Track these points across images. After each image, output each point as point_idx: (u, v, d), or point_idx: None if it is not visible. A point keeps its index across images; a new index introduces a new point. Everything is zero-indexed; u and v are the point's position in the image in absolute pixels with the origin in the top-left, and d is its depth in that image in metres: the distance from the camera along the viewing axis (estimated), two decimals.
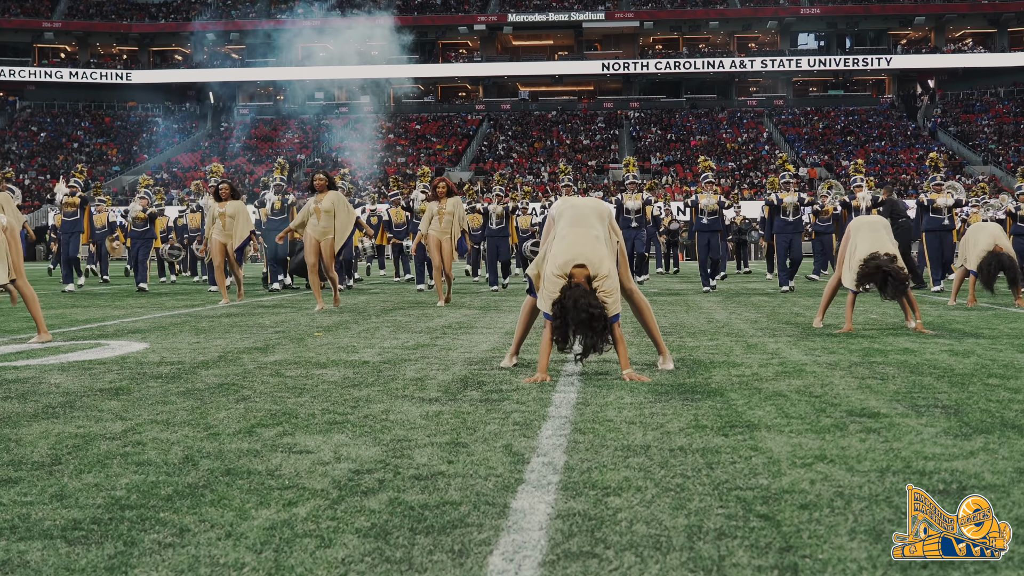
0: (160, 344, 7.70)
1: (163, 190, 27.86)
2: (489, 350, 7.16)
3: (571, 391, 5.15)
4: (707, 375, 5.69)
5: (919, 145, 60.35)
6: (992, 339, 7.78)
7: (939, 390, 5.10)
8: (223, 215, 13.12)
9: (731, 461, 3.49)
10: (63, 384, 5.50)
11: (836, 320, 9.65)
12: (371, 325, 9.44)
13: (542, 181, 57.40)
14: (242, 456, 3.61)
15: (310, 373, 5.92)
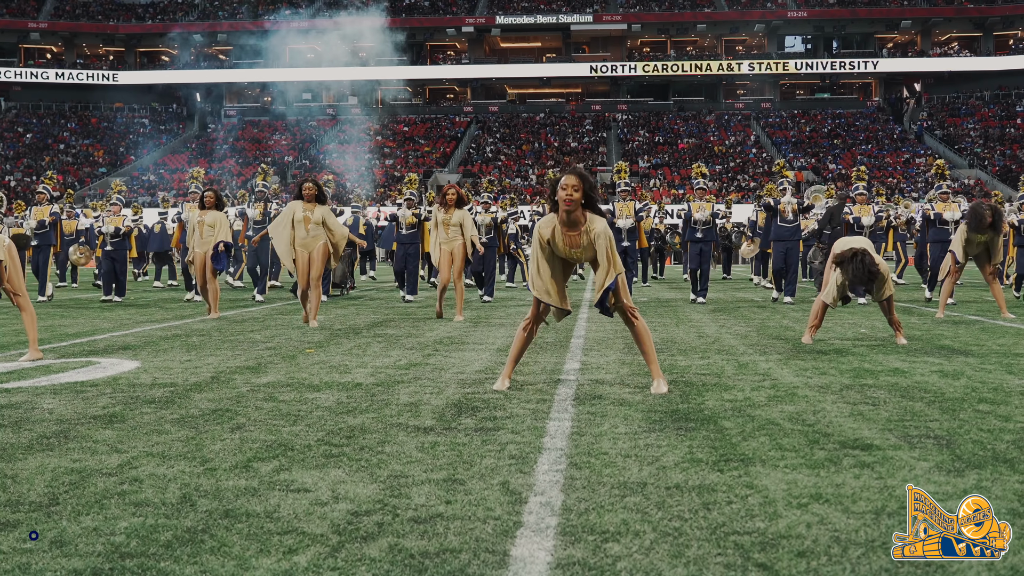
0: (152, 362, 7.69)
1: (138, 204, 27.27)
2: (481, 370, 7.17)
3: (565, 418, 5.16)
4: (700, 400, 5.72)
5: (905, 149, 60.63)
6: (981, 357, 7.84)
7: (930, 417, 5.14)
8: (201, 223, 12.74)
9: (727, 501, 3.52)
10: (56, 410, 5.48)
11: (825, 335, 9.70)
12: (362, 340, 9.44)
13: (530, 184, 57.42)
14: (240, 495, 3.61)
15: (303, 397, 5.92)
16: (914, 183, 55.28)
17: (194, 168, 17.60)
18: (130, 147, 63.81)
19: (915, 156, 59.39)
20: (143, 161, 62.31)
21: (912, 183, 55.27)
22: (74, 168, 61.00)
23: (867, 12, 65.68)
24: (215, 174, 60.25)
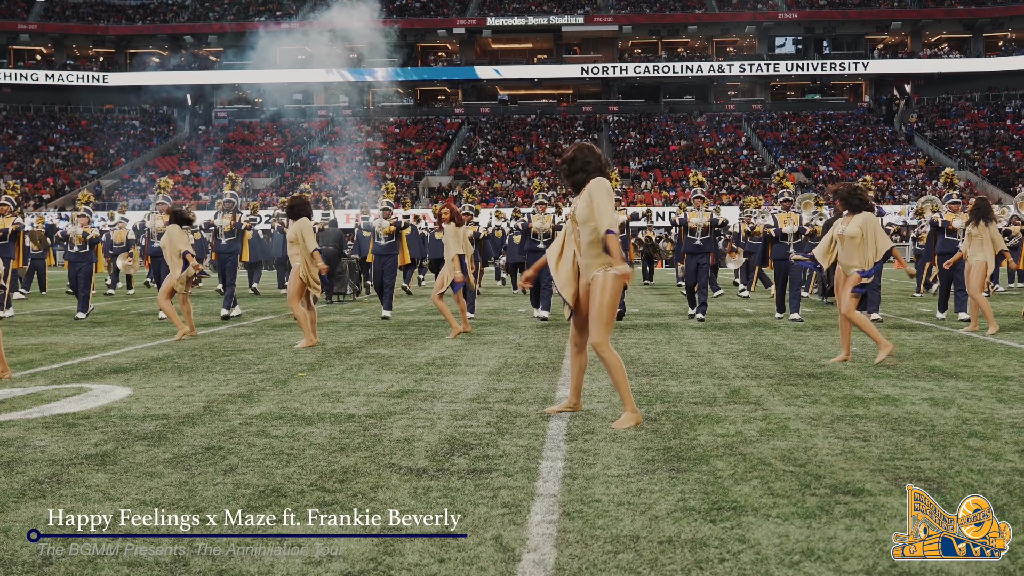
0: (144, 389, 7.67)
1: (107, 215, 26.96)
2: (474, 398, 7.17)
3: (558, 457, 5.17)
4: (692, 435, 5.73)
5: (896, 150, 60.80)
6: (971, 381, 7.87)
7: (920, 455, 5.16)
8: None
9: (720, 558, 3.53)
10: (48, 448, 5.47)
11: (816, 355, 9.73)
12: (354, 362, 9.43)
13: (521, 186, 57.42)
14: (233, 553, 3.61)
15: (296, 432, 5.92)
16: (904, 185, 55.43)
17: (161, 179, 16.70)
18: (120, 149, 63.62)
19: (905, 158, 59.54)
20: (133, 163, 62.12)
21: (902, 185, 55.43)
22: (64, 171, 60.80)
23: (857, 13, 65.83)
24: (205, 176, 60.12)
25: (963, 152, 58.99)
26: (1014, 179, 54.71)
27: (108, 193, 57.65)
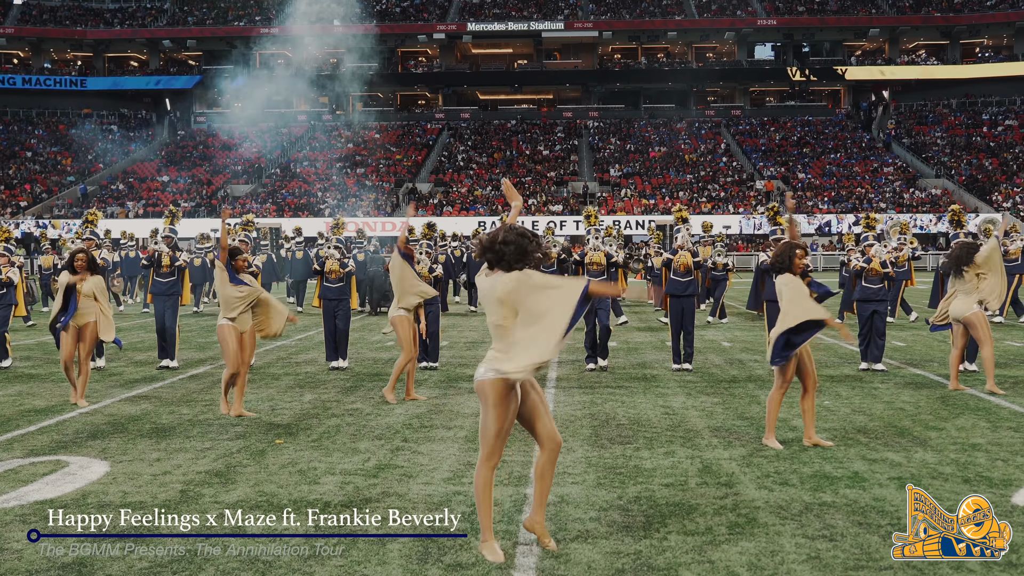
0: (120, 464, 7.70)
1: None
2: (450, 478, 7.25)
3: (530, 566, 5.26)
4: (661, 535, 5.82)
5: (873, 157, 61.19)
6: (938, 453, 8.00)
7: (883, 562, 5.25)
8: (79, 292, 10.64)
9: None
10: (25, 555, 5.51)
11: (787, 413, 9.84)
12: (332, 423, 9.48)
13: (501, 194, 57.43)
14: None
15: (270, 529, 5.98)
16: (882, 193, 55.81)
17: (89, 211, 16.08)
18: (99, 155, 63.23)
19: (883, 165, 59.93)
20: (112, 169, 61.77)
21: (880, 193, 55.80)
22: (42, 177, 60.38)
23: (836, 20, 66.17)
24: (184, 183, 59.86)
25: (939, 160, 59.44)
26: (990, 187, 55.20)
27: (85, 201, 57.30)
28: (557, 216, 53.13)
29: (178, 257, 13.91)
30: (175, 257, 13.86)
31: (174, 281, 13.75)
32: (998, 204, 52.92)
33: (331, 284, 13.36)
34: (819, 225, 51.93)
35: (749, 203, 54.86)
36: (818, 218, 52.32)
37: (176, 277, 13.79)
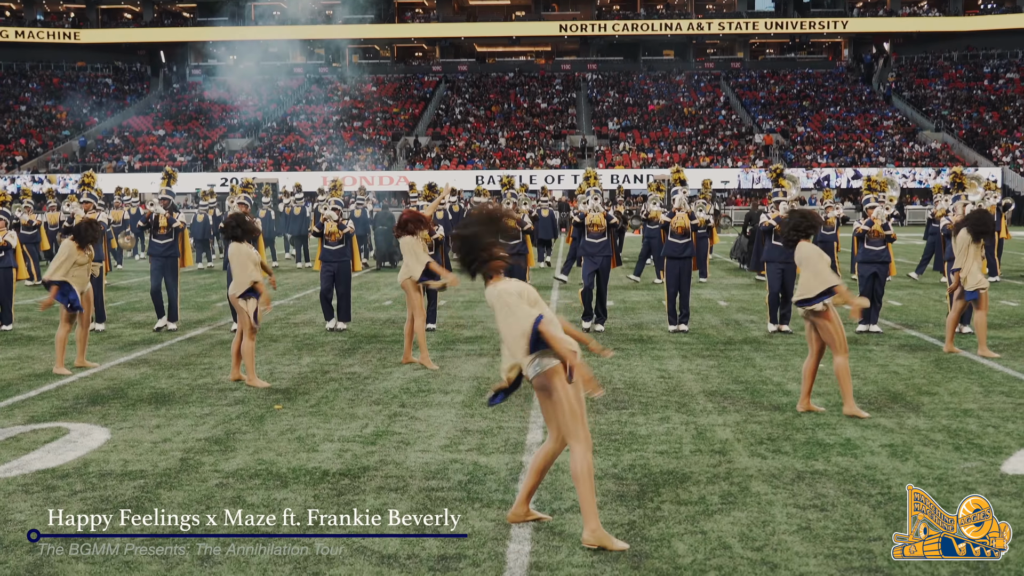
0: (120, 433, 7.77)
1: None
2: (447, 445, 7.34)
3: (525, 537, 5.35)
4: (655, 504, 5.91)
5: (873, 111, 60.88)
6: (930, 417, 8.09)
7: (873, 533, 5.36)
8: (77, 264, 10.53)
9: None
10: (28, 524, 5.60)
11: (784, 375, 9.92)
12: (330, 388, 9.55)
13: (499, 148, 57.24)
14: None
15: (271, 499, 6.07)
16: (881, 147, 55.61)
17: (85, 173, 15.85)
18: (93, 109, 62.81)
19: (883, 119, 59.64)
20: (107, 123, 61.39)
21: (879, 147, 55.60)
22: (37, 131, 60.04)
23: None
24: (181, 138, 59.56)
25: (940, 113, 59.15)
26: (990, 141, 55.00)
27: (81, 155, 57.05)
28: (555, 170, 52.98)
29: (175, 219, 13.73)
30: (172, 219, 13.69)
31: (171, 243, 13.64)
32: (997, 158, 52.76)
33: (331, 247, 13.34)
34: (818, 179, 51.79)
35: (748, 157, 54.68)
36: (817, 172, 52.16)
37: (174, 239, 13.67)
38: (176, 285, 13.69)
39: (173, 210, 13.98)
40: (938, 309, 15.13)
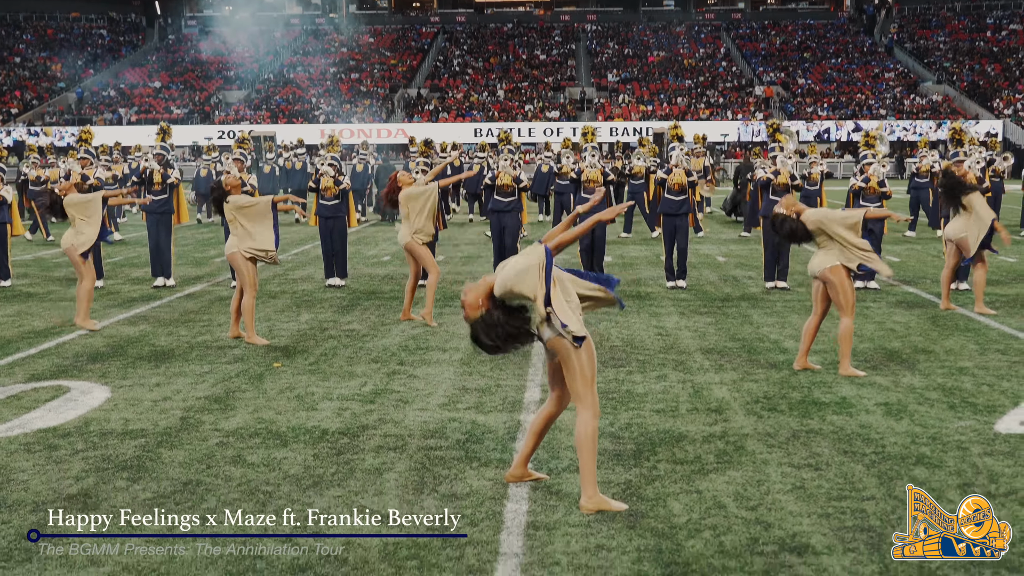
0: (121, 391, 7.82)
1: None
2: (444, 403, 7.39)
3: (522, 496, 5.41)
4: (651, 463, 5.97)
5: (874, 62, 60.41)
6: (925, 376, 8.14)
7: (867, 492, 5.42)
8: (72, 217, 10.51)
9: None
10: (31, 484, 5.65)
11: (781, 332, 9.96)
12: (329, 345, 9.59)
13: (498, 100, 56.87)
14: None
15: (271, 458, 6.12)
16: (882, 99, 55.27)
17: (82, 129, 15.68)
18: (88, 61, 62.26)
19: (884, 71, 59.21)
20: (102, 75, 60.88)
21: (880, 99, 55.26)
22: (32, 83, 59.57)
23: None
24: (177, 90, 59.12)
25: (941, 65, 58.69)
26: (992, 93, 54.64)
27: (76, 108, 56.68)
28: (554, 123, 52.69)
29: (170, 175, 13.62)
30: (166, 175, 13.59)
31: (166, 199, 13.55)
32: (999, 111, 52.46)
33: (327, 202, 13.32)
34: (818, 132, 51.54)
35: (748, 109, 54.37)
36: (817, 125, 51.91)
37: (168, 195, 13.58)
38: (170, 242, 13.64)
39: (167, 166, 13.91)
40: (935, 265, 15.14)
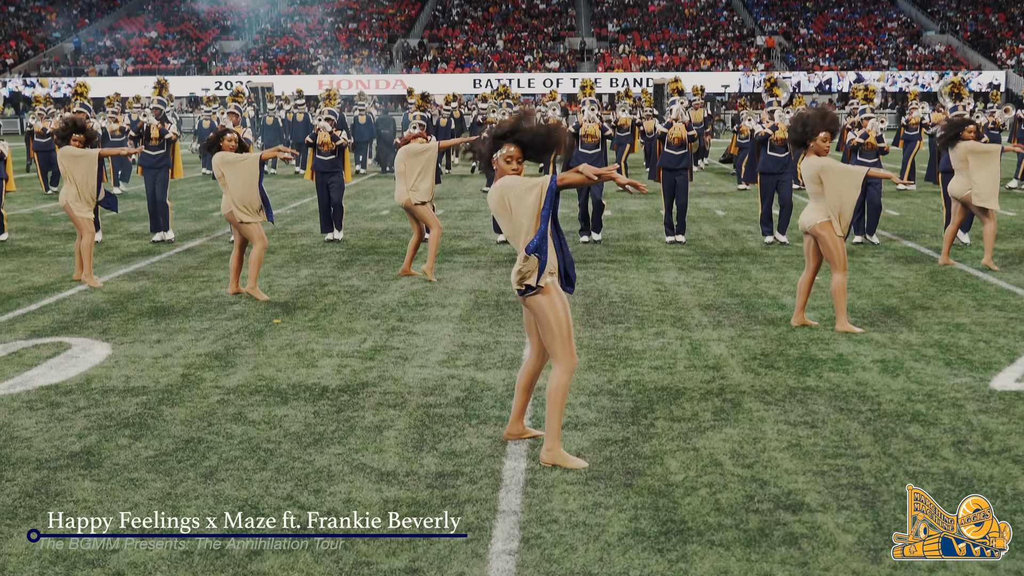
0: (122, 348, 7.86)
1: None
2: (444, 360, 7.43)
3: (521, 454, 5.47)
4: (648, 421, 6.02)
5: (877, 12, 59.82)
6: (922, 332, 8.18)
7: (862, 450, 5.48)
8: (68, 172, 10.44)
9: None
10: (34, 442, 5.71)
11: (779, 288, 9.99)
12: (329, 302, 9.63)
13: (497, 50, 56.38)
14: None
15: (271, 415, 6.17)
16: (884, 50, 54.80)
17: (78, 83, 15.60)
18: (83, 10, 61.61)
19: (887, 20, 58.66)
20: (98, 25, 60.29)
21: (882, 49, 54.80)
22: (27, 33, 59.02)
23: None
24: (173, 39, 58.58)
25: (945, 15, 58.13)
26: (995, 44, 54.17)
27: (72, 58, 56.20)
28: (554, 73, 52.31)
29: (167, 129, 13.56)
30: (164, 129, 13.52)
31: (163, 154, 13.52)
32: (1002, 62, 52.05)
33: (323, 156, 13.27)
34: (819, 83, 51.18)
35: (749, 60, 53.94)
36: (818, 76, 51.54)
37: (165, 150, 13.55)
38: (166, 197, 13.62)
39: (164, 120, 13.86)
40: (935, 219, 15.14)
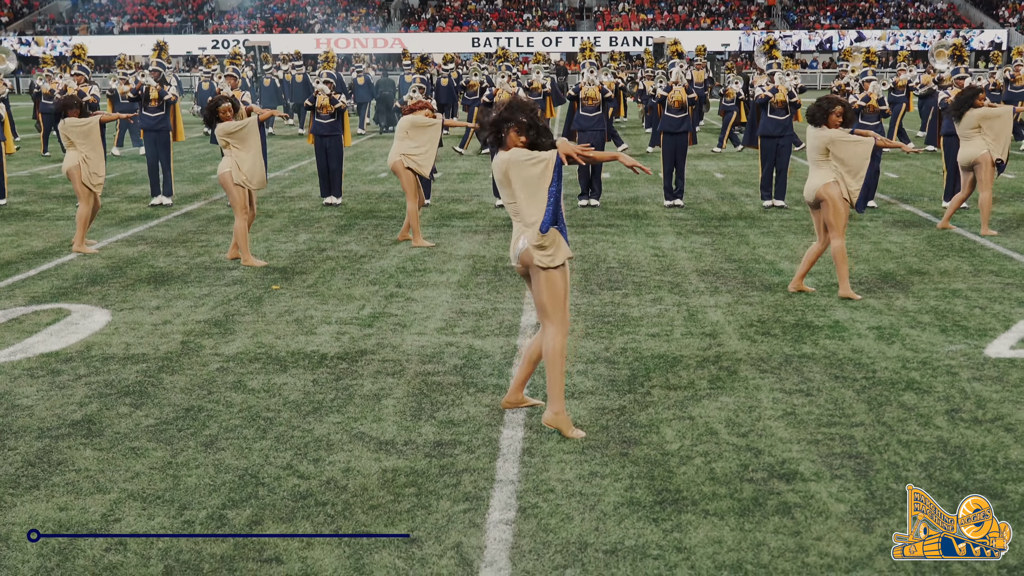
0: (121, 314, 7.89)
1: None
2: (442, 327, 7.47)
3: (518, 423, 5.52)
4: (645, 390, 6.07)
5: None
6: (918, 298, 8.21)
7: (856, 419, 5.54)
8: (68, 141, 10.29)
9: (656, 572, 3.93)
10: (35, 411, 5.76)
11: (777, 252, 10.01)
12: (327, 266, 9.65)
13: (496, 8, 55.90)
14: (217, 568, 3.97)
15: (270, 383, 6.22)
16: (886, 7, 54.35)
17: (76, 45, 15.49)
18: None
19: None
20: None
21: (884, 7, 54.34)
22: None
23: None
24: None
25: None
26: (998, 1, 53.72)
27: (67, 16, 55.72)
28: (552, 32, 51.91)
29: (167, 91, 13.50)
30: (163, 91, 13.46)
31: (163, 116, 13.47)
32: (1004, 20, 51.65)
33: (322, 120, 13.22)
34: (820, 42, 50.83)
35: (750, 19, 53.52)
36: (819, 34, 51.17)
37: (165, 112, 13.49)
38: (169, 160, 13.59)
39: (164, 82, 13.78)
40: (934, 182, 15.12)
